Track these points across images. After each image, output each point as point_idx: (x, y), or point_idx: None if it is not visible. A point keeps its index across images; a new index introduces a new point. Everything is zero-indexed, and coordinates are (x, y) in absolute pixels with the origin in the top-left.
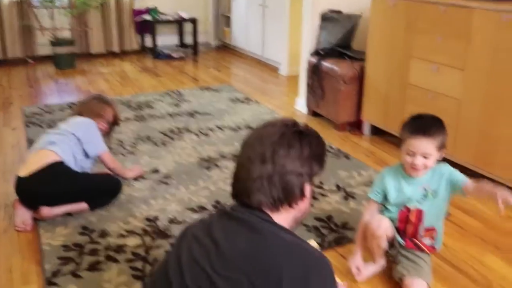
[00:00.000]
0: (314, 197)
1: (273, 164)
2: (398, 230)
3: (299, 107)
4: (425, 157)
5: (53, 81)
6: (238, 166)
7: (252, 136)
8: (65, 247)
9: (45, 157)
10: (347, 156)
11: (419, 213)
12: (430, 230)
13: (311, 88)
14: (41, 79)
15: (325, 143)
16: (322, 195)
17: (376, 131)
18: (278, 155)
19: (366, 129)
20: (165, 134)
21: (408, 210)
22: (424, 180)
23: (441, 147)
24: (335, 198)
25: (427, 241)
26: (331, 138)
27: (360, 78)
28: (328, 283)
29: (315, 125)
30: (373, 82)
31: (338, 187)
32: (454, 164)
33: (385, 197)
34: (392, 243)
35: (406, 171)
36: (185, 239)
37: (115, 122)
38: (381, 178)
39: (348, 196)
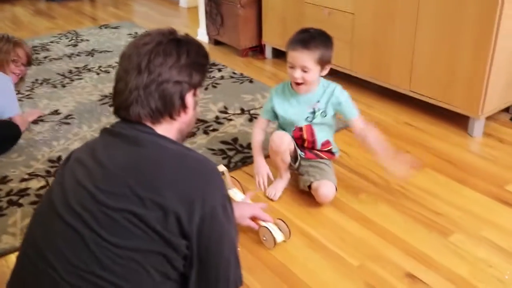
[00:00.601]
0: (219, 122)
1: (149, 73)
2: (297, 145)
3: (201, 37)
4: (304, 71)
5: None
6: (116, 80)
7: (128, 47)
8: None
9: None
10: (250, 80)
11: (310, 128)
12: (326, 144)
13: (210, 16)
14: None
15: (207, 53)
16: (227, 119)
17: (278, 54)
18: (154, 64)
19: (268, 52)
20: (63, 75)
21: (301, 129)
22: (314, 99)
23: (323, 62)
24: (240, 121)
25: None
26: (234, 64)
27: (258, 1)
28: (217, 188)
29: (218, 53)
30: (270, 4)
31: (242, 110)
32: (352, 78)
33: (276, 115)
34: (295, 156)
35: (293, 87)
36: (68, 164)
37: (29, 62)
38: (270, 97)
39: (253, 117)
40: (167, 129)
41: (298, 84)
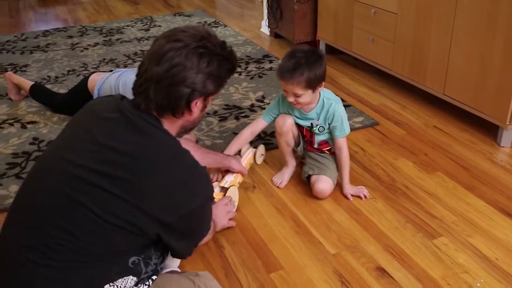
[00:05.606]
0: (252, 110)
1: (165, 70)
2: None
3: (263, 29)
4: (296, 96)
5: (33, 12)
6: (142, 59)
7: (164, 35)
8: (14, 155)
9: None
10: None
11: (310, 132)
12: (324, 144)
13: (271, 9)
14: (22, 10)
15: (233, 67)
16: (261, 108)
17: (332, 50)
18: (173, 63)
19: (322, 48)
20: (128, 57)
21: (302, 128)
22: (314, 117)
23: (312, 84)
24: None
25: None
26: None
27: None
28: (201, 193)
29: (275, 45)
30: (325, 0)
31: None
32: (392, 78)
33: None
34: (298, 142)
35: None
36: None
37: None
38: (277, 103)
39: None
40: (170, 122)
41: (294, 104)
